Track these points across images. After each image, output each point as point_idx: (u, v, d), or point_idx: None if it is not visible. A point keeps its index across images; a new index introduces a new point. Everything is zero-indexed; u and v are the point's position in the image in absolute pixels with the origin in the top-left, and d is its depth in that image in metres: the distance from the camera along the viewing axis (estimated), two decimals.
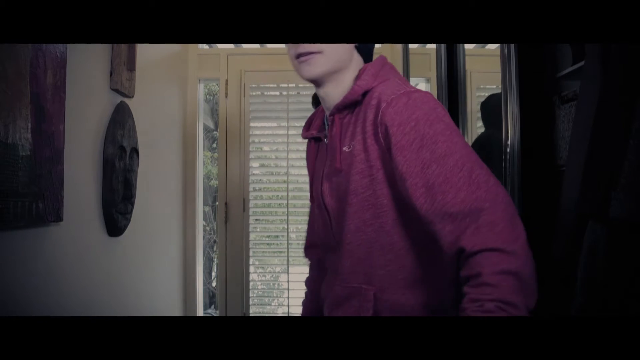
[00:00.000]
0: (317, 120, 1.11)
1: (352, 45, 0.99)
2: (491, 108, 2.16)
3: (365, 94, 0.94)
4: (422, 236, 0.90)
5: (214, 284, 5.04)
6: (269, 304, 3.16)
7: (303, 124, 1.15)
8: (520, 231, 0.81)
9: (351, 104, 0.96)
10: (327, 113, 1.04)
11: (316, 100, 1.13)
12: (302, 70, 0.97)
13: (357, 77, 0.97)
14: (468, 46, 2.41)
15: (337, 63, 0.98)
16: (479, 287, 0.76)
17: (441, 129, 0.85)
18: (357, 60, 1.01)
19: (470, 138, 2.32)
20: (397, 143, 0.85)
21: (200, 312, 3.09)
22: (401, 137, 0.85)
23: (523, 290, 0.77)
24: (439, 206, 0.81)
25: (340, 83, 1.00)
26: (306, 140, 1.16)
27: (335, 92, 1.00)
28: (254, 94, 3.02)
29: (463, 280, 0.81)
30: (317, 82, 1.01)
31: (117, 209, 1.86)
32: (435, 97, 2.30)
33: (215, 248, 4.95)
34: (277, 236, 3.12)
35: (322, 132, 1.08)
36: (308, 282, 1.28)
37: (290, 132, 2.95)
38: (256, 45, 3.03)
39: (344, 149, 0.95)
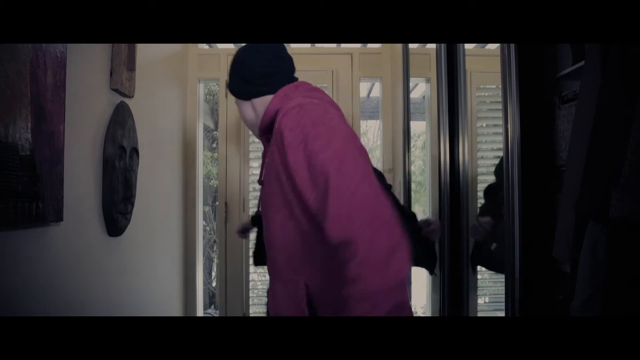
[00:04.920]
0: None
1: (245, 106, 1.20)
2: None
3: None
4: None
5: (214, 284, 5.04)
6: None
7: None
8: (366, 219, 0.89)
9: (267, 127, 1.14)
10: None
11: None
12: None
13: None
14: (468, 46, 2.41)
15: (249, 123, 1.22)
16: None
17: (324, 130, 0.99)
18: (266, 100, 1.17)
19: (471, 137, 2.32)
20: (287, 144, 0.99)
21: (200, 312, 3.09)
22: (291, 138, 0.99)
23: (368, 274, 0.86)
24: (317, 199, 0.94)
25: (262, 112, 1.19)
26: None
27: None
28: None
29: None
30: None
31: (117, 209, 1.86)
32: (436, 97, 2.32)
33: (215, 248, 4.95)
34: None
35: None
36: None
37: None
38: None
39: (267, 160, 1.11)
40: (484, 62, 2.72)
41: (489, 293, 2.97)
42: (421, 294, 3.27)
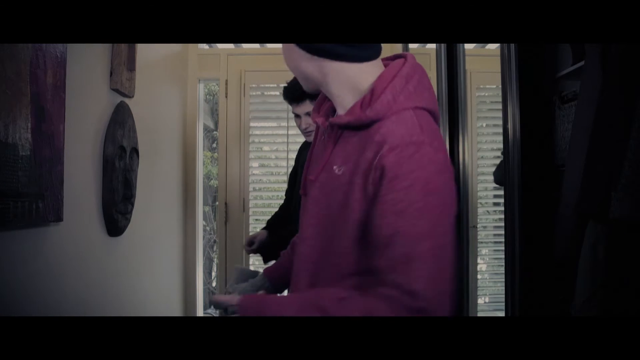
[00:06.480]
0: (327, 105, 1.02)
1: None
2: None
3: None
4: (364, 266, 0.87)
5: (214, 284, 5.04)
6: None
7: None
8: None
9: (356, 127, 0.89)
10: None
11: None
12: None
13: (372, 91, 0.89)
14: (468, 46, 2.41)
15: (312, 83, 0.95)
16: None
17: (433, 203, 0.80)
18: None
19: (470, 137, 2.33)
20: (383, 196, 0.81)
21: (200, 312, 3.09)
22: (390, 193, 0.80)
23: None
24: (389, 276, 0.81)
25: (340, 83, 0.93)
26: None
27: (336, 92, 0.94)
28: (254, 94, 3.02)
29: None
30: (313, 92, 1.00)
31: (117, 209, 1.86)
32: (435, 96, 2.32)
33: (215, 248, 4.95)
34: None
35: (327, 122, 0.97)
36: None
37: (290, 132, 2.94)
38: (256, 45, 3.03)
39: (335, 167, 0.90)
40: (484, 62, 2.73)
41: (489, 293, 2.97)
42: None
